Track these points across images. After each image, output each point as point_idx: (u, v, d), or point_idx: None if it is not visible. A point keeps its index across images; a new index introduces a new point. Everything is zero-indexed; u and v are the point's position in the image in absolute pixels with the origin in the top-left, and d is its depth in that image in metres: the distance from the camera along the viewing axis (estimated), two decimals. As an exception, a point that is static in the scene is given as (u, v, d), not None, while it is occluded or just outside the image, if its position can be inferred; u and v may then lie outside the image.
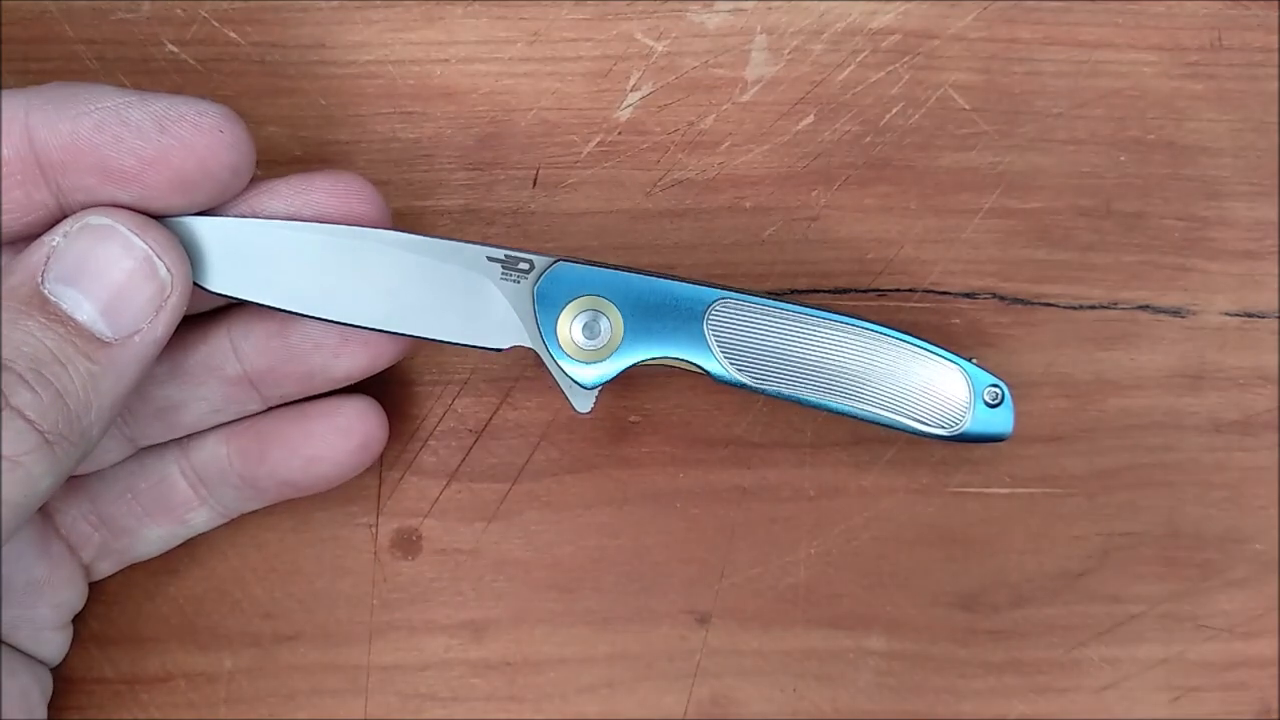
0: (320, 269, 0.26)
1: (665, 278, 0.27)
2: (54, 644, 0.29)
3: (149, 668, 0.30)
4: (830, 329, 0.27)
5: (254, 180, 0.26)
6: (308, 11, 0.31)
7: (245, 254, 0.25)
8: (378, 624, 0.30)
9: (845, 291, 0.31)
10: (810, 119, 0.32)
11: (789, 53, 0.32)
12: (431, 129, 0.31)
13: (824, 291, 0.31)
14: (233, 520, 0.30)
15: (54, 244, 0.23)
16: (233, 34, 0.31)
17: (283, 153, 0.31)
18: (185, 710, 0.30)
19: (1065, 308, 0.31)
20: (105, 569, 0.29)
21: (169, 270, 0.24)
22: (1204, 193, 0.32)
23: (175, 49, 0.31)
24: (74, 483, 0.28)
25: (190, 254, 0.25)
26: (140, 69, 0.31)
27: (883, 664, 0.30)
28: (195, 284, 0.25)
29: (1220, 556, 0.31)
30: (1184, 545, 0.31)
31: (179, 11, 0.31)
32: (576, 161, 0.31)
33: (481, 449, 0.31)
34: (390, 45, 0.31)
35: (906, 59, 0.32)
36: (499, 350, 0.27)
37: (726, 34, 0.32)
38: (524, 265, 0.27)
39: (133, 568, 0.30)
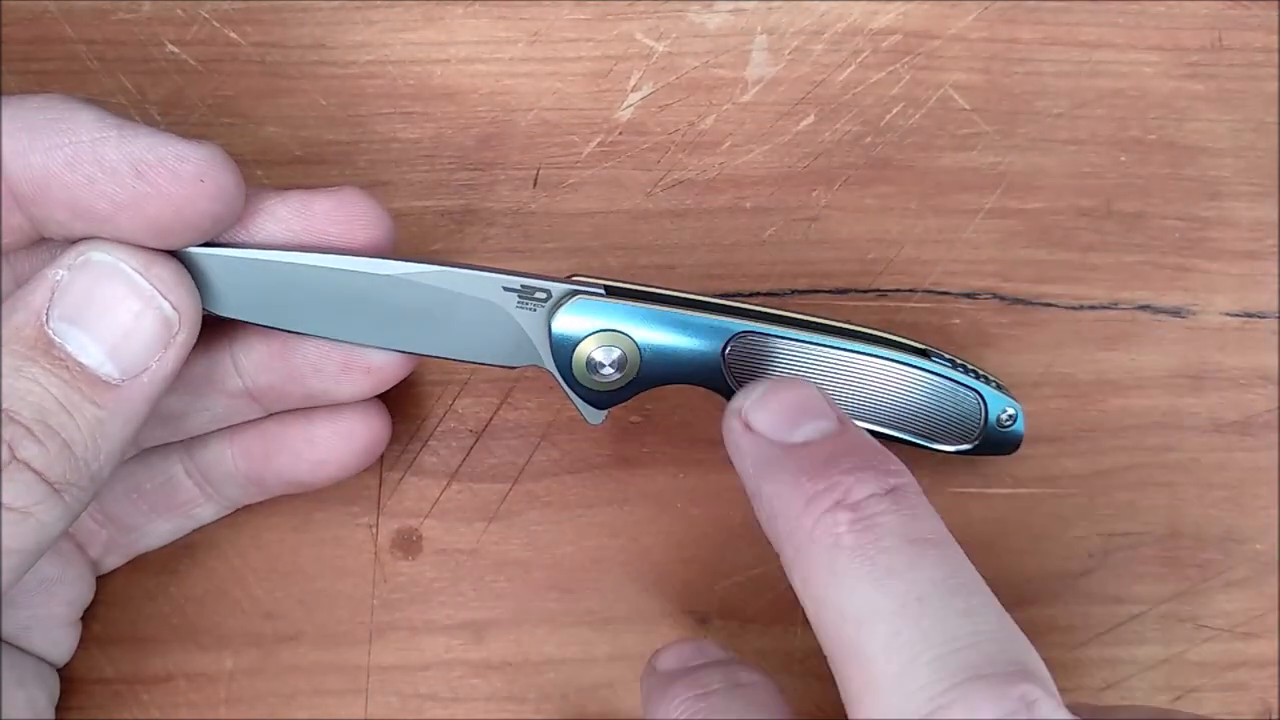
0: (332, 301, 0.25)
1: (685, 306, 0.26)
2: (65, 642, 0.29)
3: (150, 668, 0.30)
4: (850, 360, 0.27)
5: (255, 191, 0.25)
6: (308, 11, 0.31)
7: (254, 285, 0.25)
8: (378, 624, 0.30)
9: (845, 292, 0.31)
10: (811, 119, 0.32)
11: (789, 53, 0.32)
12: (432, 129, 0.31)
13: (824, 292, 0.31)
14: (233, 521, 0.30)
15: (57, 279, 0.23)
16: (233, 34, 0.31)
17: (283, 153, 0.31)
18: (186, 710, 0.30)
19: (1066, 308, 0.31)
20: (112, 562, 0.29)
21: (176, 308, 0.23)
22: (1204, 193, 0.32)
23: (175, 49, 0.31)
24: None
25: (199, 284, 0.24)
26: (140, 69, 0.30)
27: (883, 664, 0.30)
28: (205, 309, 0.25)
29: (1220, 557, 0.31)
30: (1184, 545, 0.31)
31: (179, 11, 0.31)
32: (577, 162, 0.31)
33: (482, 449, 0.31)
34: (390, 45, 0.31)
35: (907, 59, 0.32)
36: (513, 368, 0.27)
37: (727, 34, 0.32)
38: (540, 294, 0.26)
39: (134, 568, 0.30)
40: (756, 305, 0.27)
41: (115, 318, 0.23)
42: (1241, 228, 0.32)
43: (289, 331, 0.26)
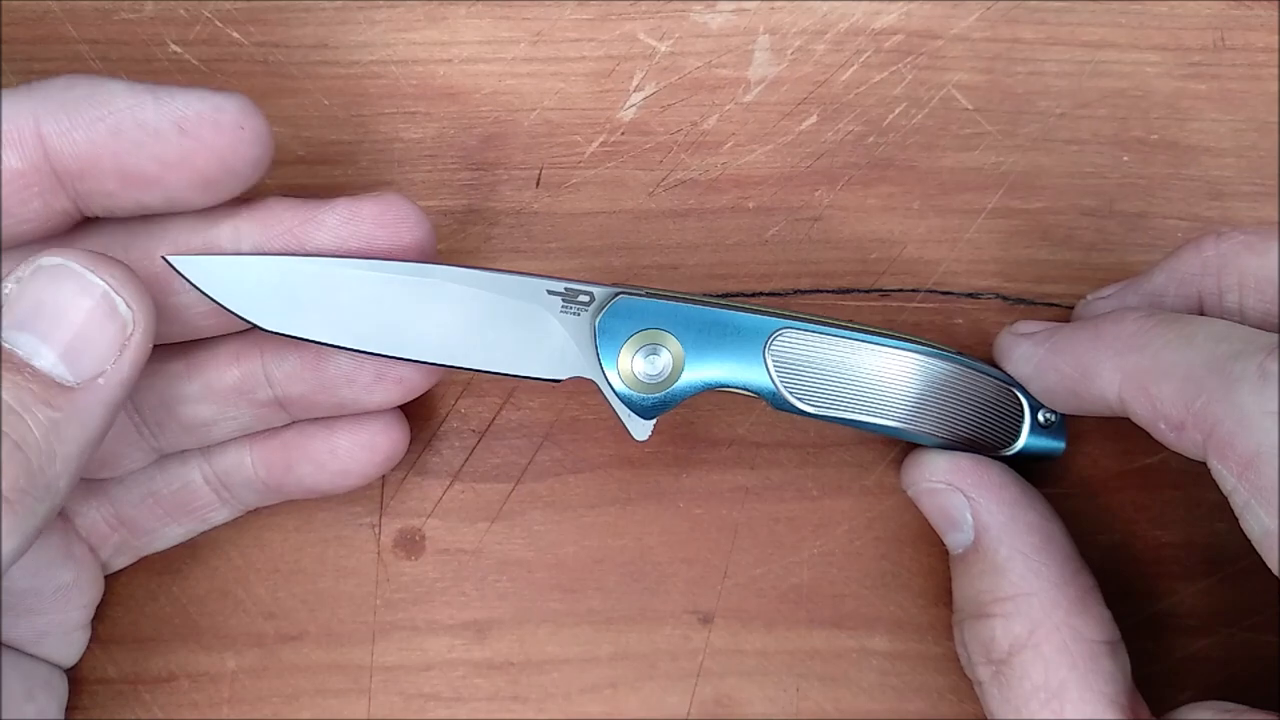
0: (377, 306, 0.25)
1: (726, 307, 0.27)
2: (78, 644, 0.29)
3: (152, 667, 0.30)
4: (891, 355, 0.27)
5: (302, 201, 0.25)
6: (311, 11, 0.31)
7: (300, 293, 0.25)
8: (381, 624, 0.30)
9: (848, 292, 0.31)
10: (813, 119, 0.32)
11: (792, 53, 0.32)
12: (434, 129, 0.31)
13: (827, 292, 0.31)
14: (236, 521, 0.30)
15: (6, 291, 0.22)
16: (236, 34, 0.31)
17: (286, 153, 0.31)
18: (188, 710, 0.30)
19: (1068, 308, 0.31)
20: (121, 563, 0.29)
21: (129, 306, 0.23)
22: (1207, 193, 0.32)
23: (178, 49, 0.31)
24: (93, 486, 0.28)
25: (246, 294, 0.24)
26: (143, 69, 0.31)
27: (886, 664, 0.30)
28: (254, 324, 0.25)
29: (1221, 556, 0.31)
30: (1184, 545, 0.31)
31: (182, 12, 0.31)
32: (580, 161, 0.31)
33: (484, 449, 0.31)
34: (393, 45, 0.31)
35: (909, 59, 0.32)
36: (557, 381, 0.27)
37: (729, 34, 0.32)
38: (584, 298, 0.26)
39: (137, 568, 0.30)
40: (796, 310, 0.27)
41: (67, 318, 0.22)
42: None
43: (332, 346, 0.26)
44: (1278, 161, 0.32)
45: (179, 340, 0.26)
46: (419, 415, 0.30)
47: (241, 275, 0.25)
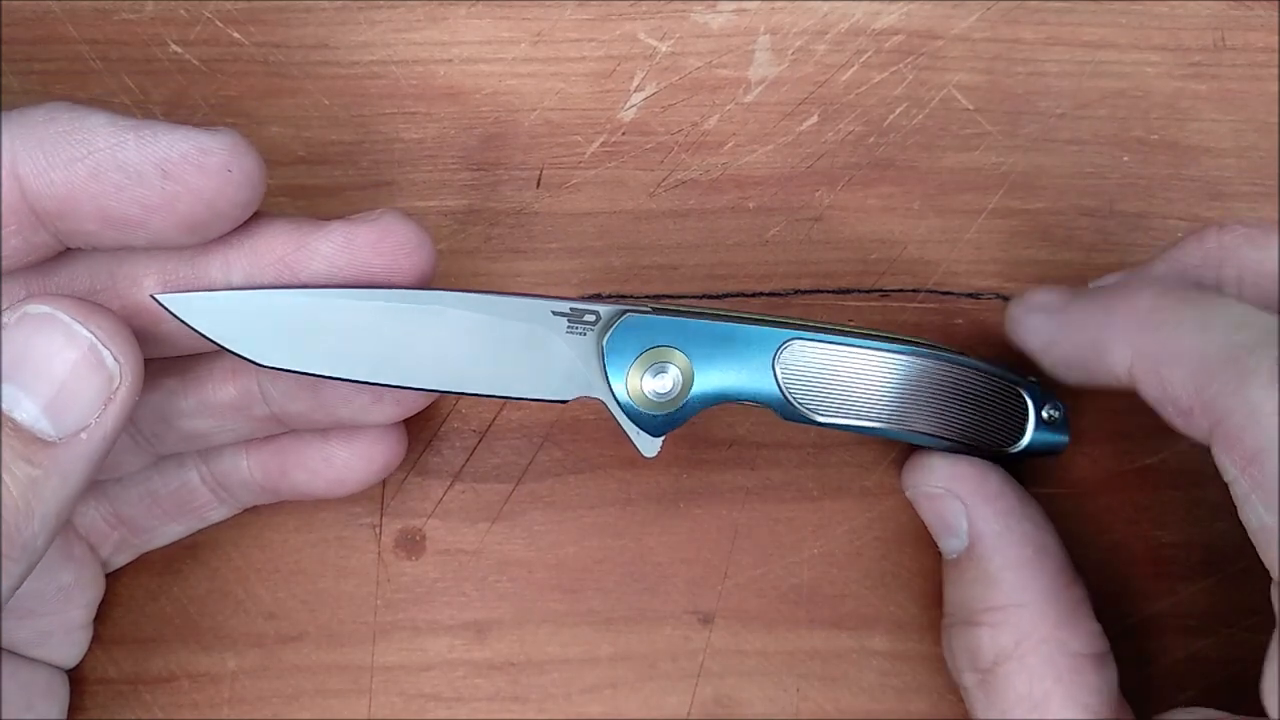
0: (376, 336, 0.24)
1: (732, 319, 0.26)
2: (80, 644, 0.29)
3: (153, 668, 0.30)
4: (900, 361, 0.27)
5: (295, 224, 0.25)
6: (311, 11, 0.31)
7: (296, 326, 0.24)
8: (381, 624, 0.30)
9: (849, 292, 0.31)
10: (814, 119, 0.32)
11: (792, 53, 0.32)
12: (435, 129, 0.31)
13: (827, 292, 0.31)
14: (237, 521, 0.30)
15: None
16: (236, 34, 0.31)
17: (286, 153, 0.31)
18: (189, 710, 0.30)
19: (1068, 308, 0.31)
20: (121, 560, 0.29)
21: (117, 358, 0.22)
22: (1207, 193, 0.32)
23: (179, 49, 0.31)
24: (92, 488, 0.28)
25: (240, 329, 0.24)
26: (144, 69, 0.31)
27: (886, 664, 0.30)
28: (251, 361, 0.24)
29: (1220, 556, 0.31)
30: (1184, 545, 0.31)
31: (182, 12, 0.31)
32: (580, 162, 0.31)
33: (485, 449, 0.31)
34: (394, 45, 0.31)
35: (910, 59, 0.32)
36: (564, 402, 0.26)
37: (730, 34, 0.32)
38: (589, 317, 0.26)
39: (137, 568, 0.30)
40: (800, 317, 0.27)
41: (51, 370, 0.22)
42: (1244, 228, 0.32)
43: (332, 379, 0.25)
44: (1278, 162, 0.32)
45: (172, 356, 0.26)
46: (419, 415, 0.30)
47: (234, 310, 0.24)
